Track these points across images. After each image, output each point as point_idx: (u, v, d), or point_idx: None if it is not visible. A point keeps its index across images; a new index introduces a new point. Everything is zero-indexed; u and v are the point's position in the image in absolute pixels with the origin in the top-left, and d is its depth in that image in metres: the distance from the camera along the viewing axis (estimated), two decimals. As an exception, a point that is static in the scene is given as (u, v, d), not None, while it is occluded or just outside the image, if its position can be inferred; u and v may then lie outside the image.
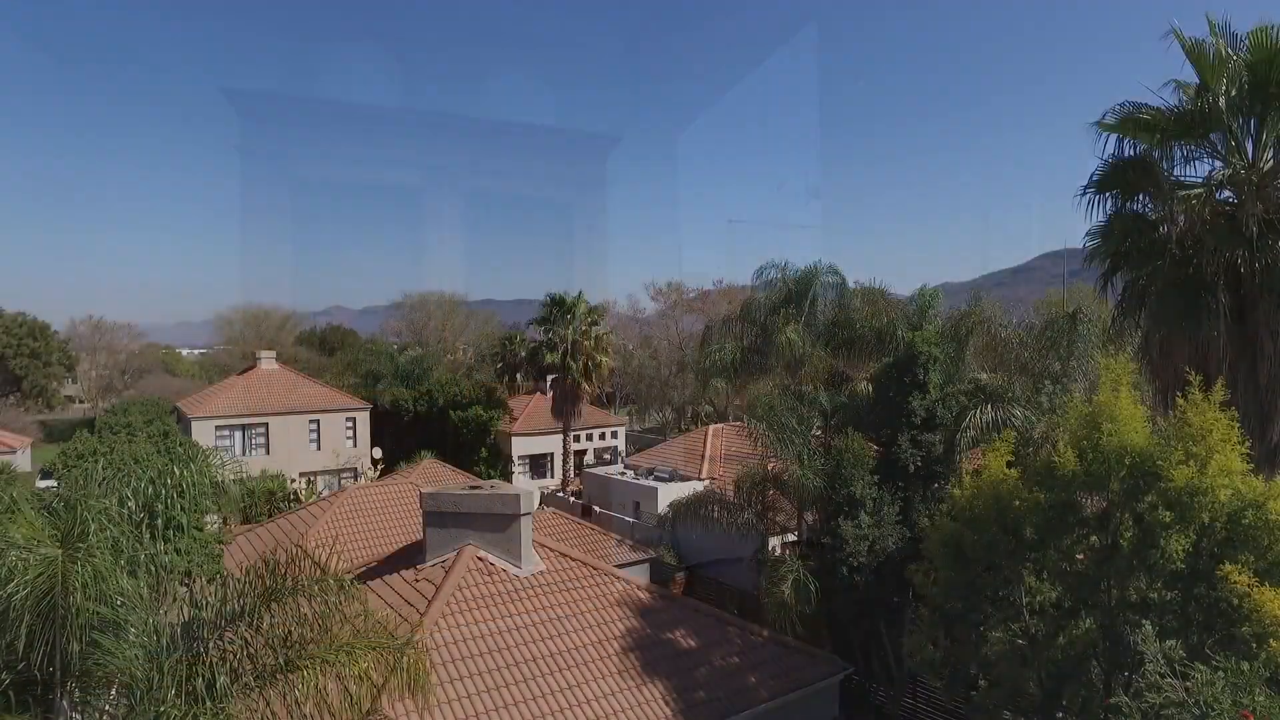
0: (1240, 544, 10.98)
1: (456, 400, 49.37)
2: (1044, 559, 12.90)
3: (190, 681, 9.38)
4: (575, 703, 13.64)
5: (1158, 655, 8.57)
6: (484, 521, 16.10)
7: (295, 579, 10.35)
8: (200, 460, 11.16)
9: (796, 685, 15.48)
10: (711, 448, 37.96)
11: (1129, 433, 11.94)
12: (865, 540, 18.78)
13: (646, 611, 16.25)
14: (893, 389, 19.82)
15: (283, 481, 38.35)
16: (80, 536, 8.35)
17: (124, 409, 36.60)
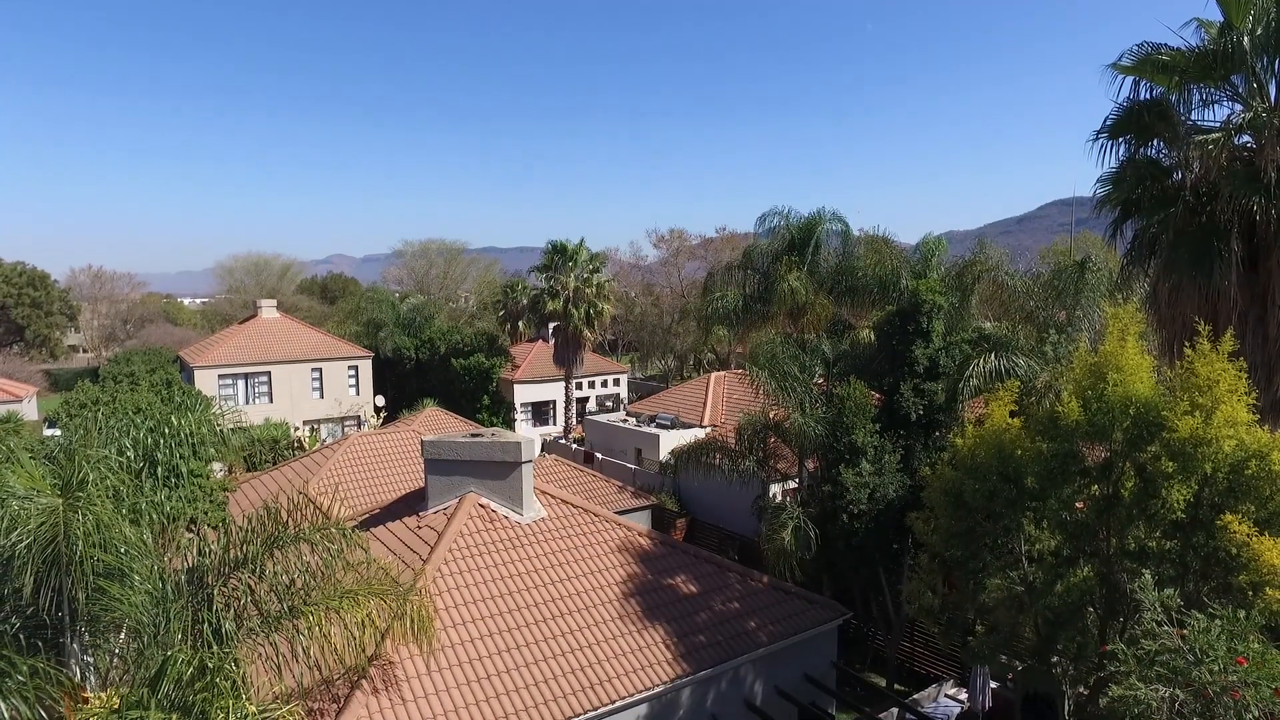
0: (1242, 494, 10.99)
1: (458, 348, 49.35)
2: (1044, 508, 12.94)
3: (197, 626, 9.53)
4: (576, 647, 13.84)
5: (1155, 603, 8.61)
6: (485, 469, 16.15)
7: (297, 527, 10.42)
8: (200, 409, 11.14)
9: (796, 630, 15.69)
10: (713, 395, 38.05)
11: (1134, 383, 11.85)
12: (866, 488, 18.87)
13: (647, 558, 16.41)
14: (895, 337, 19.70)
15: (286, 429, 38.57)
16: (80, 486, 8.35)
17: (127, 358, 36.66)
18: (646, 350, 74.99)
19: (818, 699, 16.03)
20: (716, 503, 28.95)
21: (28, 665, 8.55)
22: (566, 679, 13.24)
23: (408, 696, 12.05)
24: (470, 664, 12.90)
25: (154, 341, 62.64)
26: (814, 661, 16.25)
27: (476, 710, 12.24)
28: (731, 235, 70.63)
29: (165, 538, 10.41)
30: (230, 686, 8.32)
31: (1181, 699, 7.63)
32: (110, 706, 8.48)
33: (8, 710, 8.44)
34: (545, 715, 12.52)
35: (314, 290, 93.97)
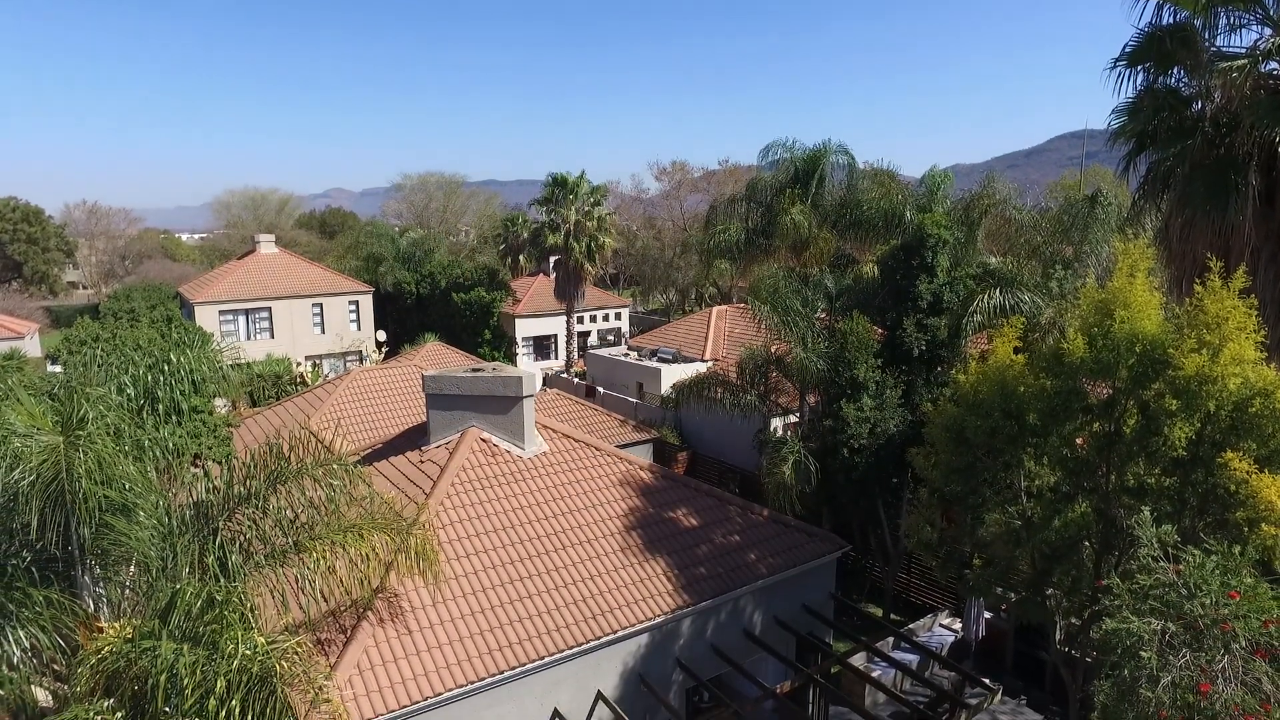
0: (1244, 432, 10.98)
1: (459, 282, 49.06)
2: (1045, 444, 12.97)
3: (203, 560, 9.67)
4: (578, 579, 14.08)
5: (1152, 539, 8.69)
6: (487, 404, 16.19)
7: (300, 462, 10.48)
8: (198, 345, 11.08)
9: (795, 562, 15.93)
10: (715, 329, 37.96)
11: (1141, 320, 11.73)
12: (867, 423, 18.94)
13: (648, 491, 16.56)
14: (899, 272, 19.50)
15: (288, 365, 38.62)
16: (80, 424, 8.36)
17: (126, 294, 36.46)
18: (648, 284, 74.61)
19: (815, 629, 16.39)
20: (718, 437, 29.16)
21: (42, 596, 8.72)
22: (569, 609, 13.51)
23: (414, 627, 12.32)
24: (474, 595, 13.15)
25: (153, 278, 62.27)
26: (812, 592, 16.56)
27: (481, 640, 12.52)
28: (735, 168, 69.50)
29: (169, 474, 10.49)
30: (239, 618, 8.48)
31: (1172, 631, 7.76)
32: (124, 636, 8.66)
33: (27, 638, 8.63)
34: (549, 645, 12.81)
35: (312, 225, 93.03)
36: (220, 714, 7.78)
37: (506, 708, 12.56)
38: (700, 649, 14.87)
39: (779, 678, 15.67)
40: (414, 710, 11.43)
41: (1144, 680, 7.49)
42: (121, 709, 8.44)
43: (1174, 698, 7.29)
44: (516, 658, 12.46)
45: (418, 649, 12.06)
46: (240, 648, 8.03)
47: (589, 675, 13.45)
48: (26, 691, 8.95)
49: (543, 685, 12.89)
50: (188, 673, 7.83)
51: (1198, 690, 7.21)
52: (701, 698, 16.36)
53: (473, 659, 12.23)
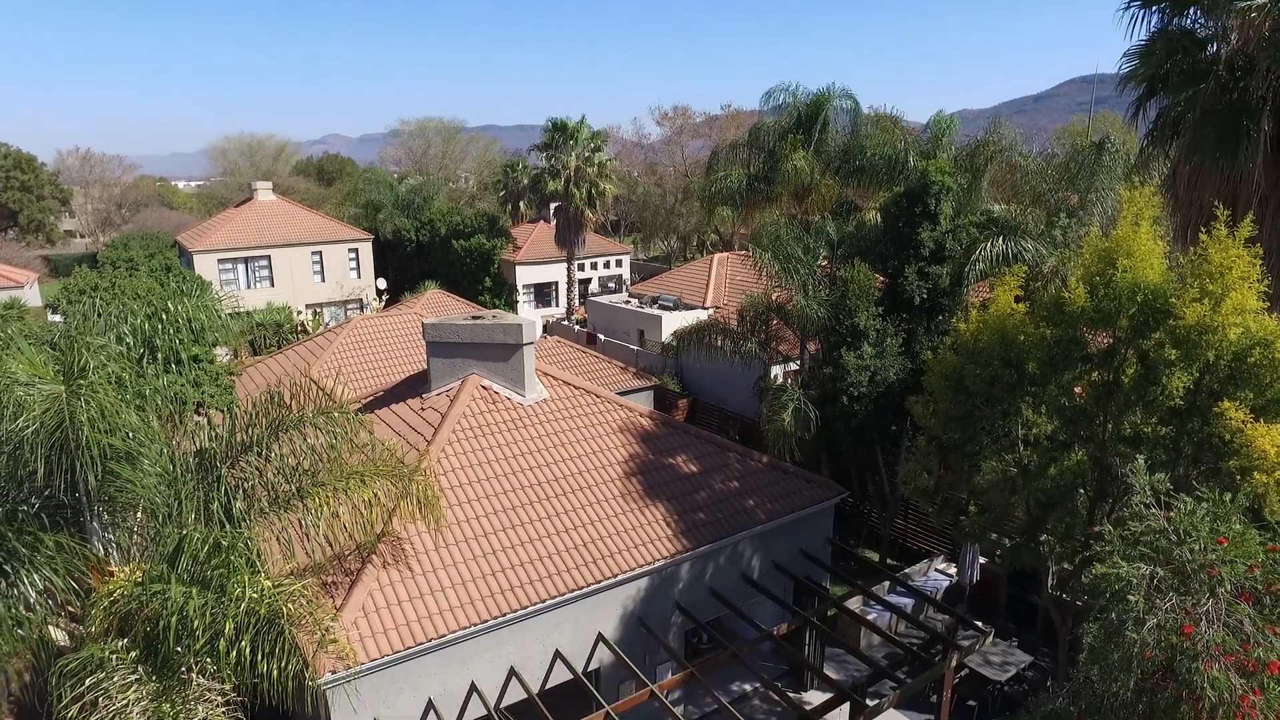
0: (1242, 381, 11.01)
1: (459, 229, 48.72)
2: (1043, 393, 13.02)
3: (209, 507, 9.82)
4: (579, 524, 14.30)
5: (1145, 486, 8.79)
6: (487, 351, 16.22)
7: (301, 411, 10.56)
8: (196, 294, 11.08)
9: (793, 508, 16.14)
10: (716, 277, 37.85)
11: (1144, 269, 11.67)
12: (866, 371, 19.00)
13: (648, 438, 16.70)
14: (902, 220, 19.34)
15: (289, 314, 38.62)
16: (81, 373, 8.41)
17: (124, 243, 36.31)
18: (649, 231, 74.06)
19: (813, 573, 16.69)
20: (718, 384, 29.30)
21: (53, 541, 8.88)
22: (570, 554, 13.74)
23: (417, 570, 12.56)
24: (476, 540, 13.37)
25: (150, 226, 61.89)
26: (810, 538, 16.81)
27: (484, 583, 12.77)
28: (737, 113, 68.38)
29: (172, 422, 10.58)
30: (245, 563, 8.66)
31: (1160, 576, 7.90)
32: (134, 580, 8.86)
33: (41, 581, 8.82)
34: (550, 588, 13.07)
35: (310, 172, 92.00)
36: (230, 654, 8.01)
37: (509, 649, 12.88)
38: (699, 592, 15.17)
39: (776, 620, 16.02)
40: (419, 651, 11.72)
41: (1130, 623, 7.65)
42: (135, 649, 8.68)
43: (1158, 639, 7.46)
44: (518, 600, 12.72)
45: (421, 592, 12.31)
46: (247, 591, 8.22)
47: (589, 618, 13.76)
48: (44, 631, 9.17)
49: (544, 627, 13.19)
50: (197, 615, 8.04)
51: (1181, 632, 7.37)
52: (700, 639, 16.76)
53: (475, 602, 12.49)
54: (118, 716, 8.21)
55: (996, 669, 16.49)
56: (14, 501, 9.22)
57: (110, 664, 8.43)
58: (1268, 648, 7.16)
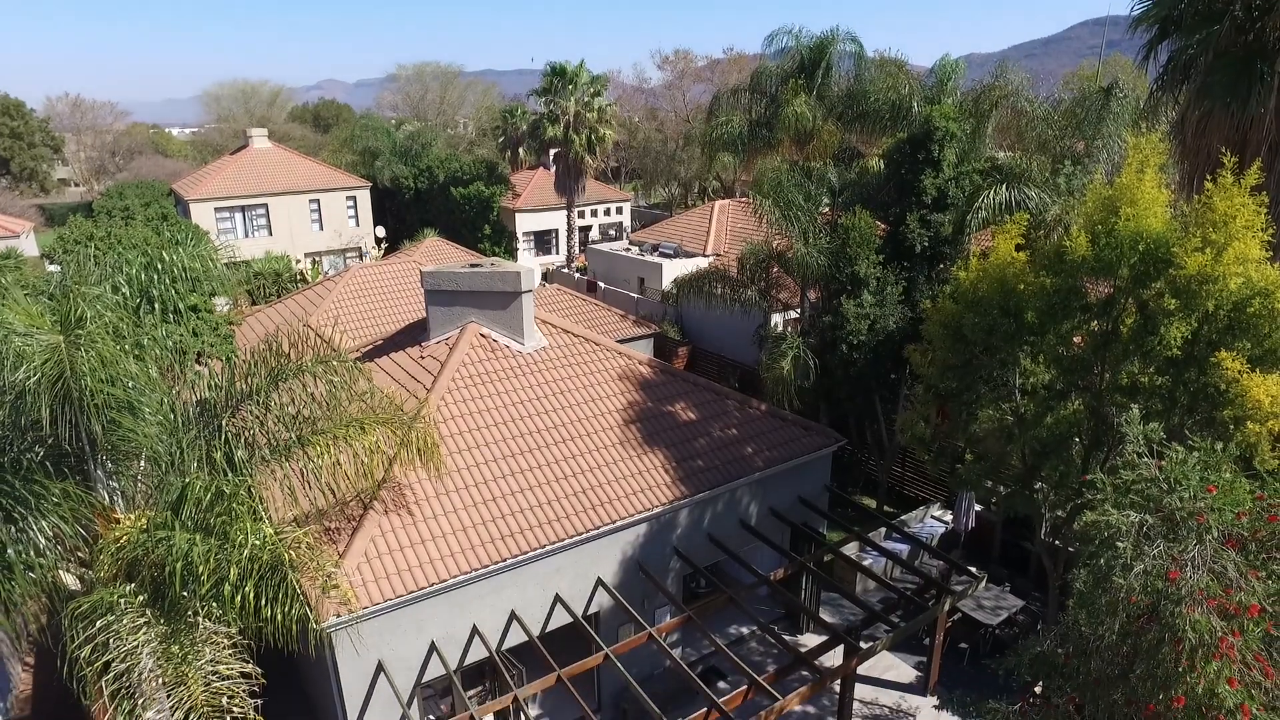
0: (1240, 331, 11.00)
1: (457, 176, 48.20)
2: (1042, 343, 13.02)
3: (211, 456, 9.93)
4: (578, 471, 14.45)
5: (1139, 436, 8.85)
6: (485, 299, 16.20)
7: (299, 360, 10.60)
8: (191, 243, 11.03)
9: (791, 455, 16.29)
10: (717, 224, 37.59)
11: (1147, 218, 11.56)
12: (866, 319, 18.98)
13: (648, 385, 16.78)
14: (905, 166, 19.10)
15: (288, 262, 38.45)
16: (79, 323, 8.42)
17: (119, 192, 35.92)
18: (650, 178, 73.23)
19: (810, 519, 16.92)
20: (719, 332, 29.33)
21: (59, 489, 9.00)
22: (569, 500, 13.93)
23: (418, 517, 12.75)
24: (476, 487, 13.53)
25: (145, 174, 61.17)
26: (808, 485, 17.00)
27: (484, 529, 12.97)
28: (740, 57, 67.05)
29: (172, 372, 10.63)
30: (247, 510, 8.79)
31: (1150, 523, 8.01)
32: (140, 527, 9.01)
33: (50, 528, 8.97)
34: (550, 534, 13.28)
35: (306, 118, 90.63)
36: (235, 599, 8.18)
37: (509, 593, 13.14)
38: (697, 538, 15.41)
39: (773, 566, 16.30)
40: (421, 595, 11.97)
41: (1118, 569, 7.79)
42: (143, 593, 8.88)
43: (1144, 584, 7.60)
44: (519, 546, 12.94)
45: (423, 538, 12.52)
46: (250, 538, 8.36)
47: (589, 563, 14.00)
48: (55, 576, 9.36)
49: (544, 572, 13.44)
50: (201, 561, 8.19)
51: (1167, 577, 7.50)
52: (698, 584, 17.08)
53: (476, 547, 12.70)
54: (128, 657, 8.44)
55: (988, 613, 16.83)
56: (19, 450, 9.32)
57: (119, 608, 8.63)
58: (1249, 592, 7.30)
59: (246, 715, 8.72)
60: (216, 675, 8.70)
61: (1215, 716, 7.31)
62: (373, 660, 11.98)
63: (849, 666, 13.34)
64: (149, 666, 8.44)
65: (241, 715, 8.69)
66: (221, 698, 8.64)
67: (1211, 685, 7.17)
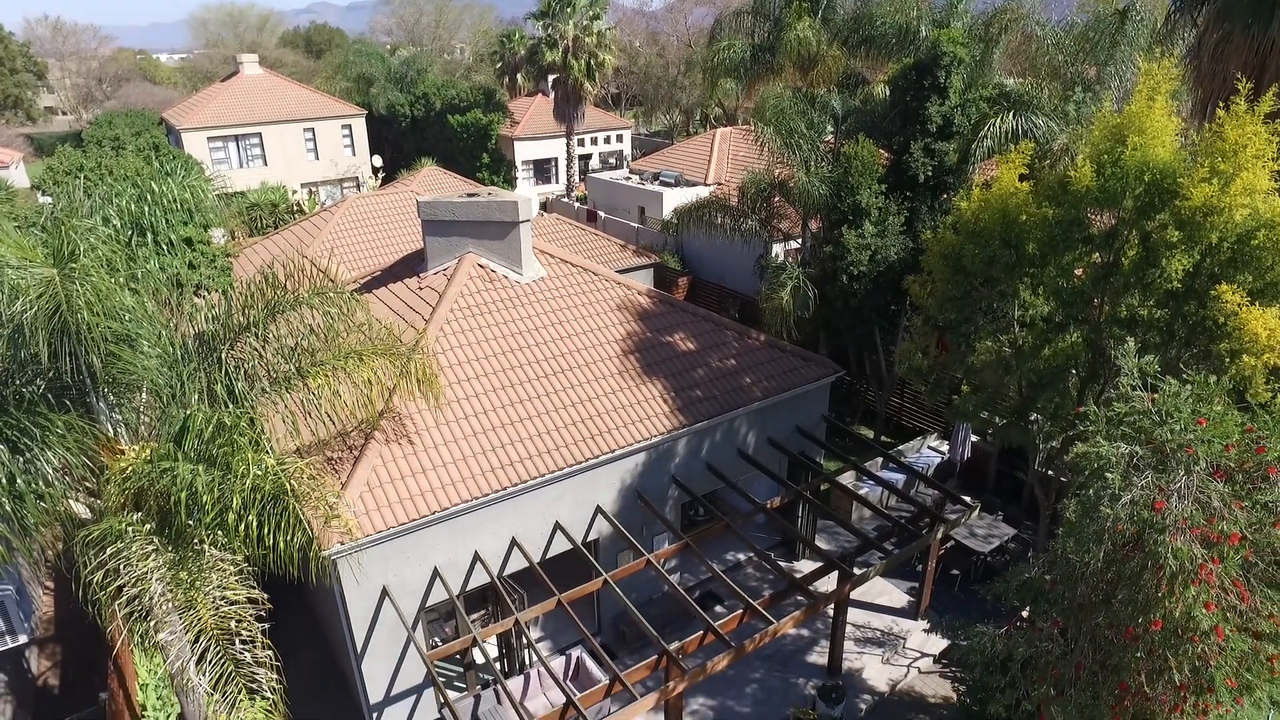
0: (1243, 264, 10.88)
1: (454, 104, 47.21)
2: (1042, 275, 12.93)
3: (211, 388, 9.99)
4: (577, 401, 14.56)
5: (1133, 369, 8.89)
6: (483, 229, 16.05)
7: (296, 292, 10.57)
8: (182, 174, 10.87)
9: (790, 386, 16.38)
10: (718, 152, 37.01)
11: (1154, 147, 11.31)
12: (867, 250, 18.83)
13: (647, 316, 16.77)
14: (910, 93, 18.65)
15: (284, 193, 37.96)
16: (72, 256, 8.37)
17: (109, 121, 35.21)
18: (651, 104, 71.70)
19: (807, 449, 17.13)
20: (719, 262, 29.16)
21: (62, 421, 9.09)
22: (568, 430, 14.08)
23: (419, 447, 12.91)
24: (476, 417, 13.67)
25: (133, 102, 59.83)
26: (806, 415, 17.15)
27: (484, 459, 13.15)
28: (744, -26, 64.72)
29: (170, 305, 10.62)
30: (249, 441, 8.89)
31: (1140, 455, 8.12)
32: (144, 459, 9.14)
33: (57, 459, 9.10)
34: (549, 463, 13.46)
35: (297, 43, 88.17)
36: (239, 528, 8.35)
37: (510, 521, 13.41)
38: (695, 467, 15.63)
39: (770, 494, 16.59)
40: (423, 523, 12.21)
41: (1106, 499, 7.93)
42: (150, 522, 9.06)
43: (1131, 514, 7.75)
44: (518, 475, 13.13)
45: (424, 467, 12.71)
46: (251, 468, 8.48)
47: (588, 491, 14.24)
48: (65, 505, 9.54)
49: (544, 501, 13.69)
50: (205, 491, 8.33)
51: (1153, 507, 7.64)
52: (696, 512, 17.41)
53: (476, 476, 12.90)
54: (139, 582, 8.67)
55: (981, 541, 17.18)
56: (20, 383, 9.38)
57: (128, 535, 8.82)
58: (1231, 521, 7.45)
59: (254, 638, 9.00)
60: (224, 600, 8.94)
61: (1190, 638, 7.54)
62: (377, 586, 12.31)
63: (842, 592, 13.69)
64: (159, 591, 8.67)
65: (250, 638, 8.97)
66: (230, 621, 8.91)
67: (1189, 609, 7.38)
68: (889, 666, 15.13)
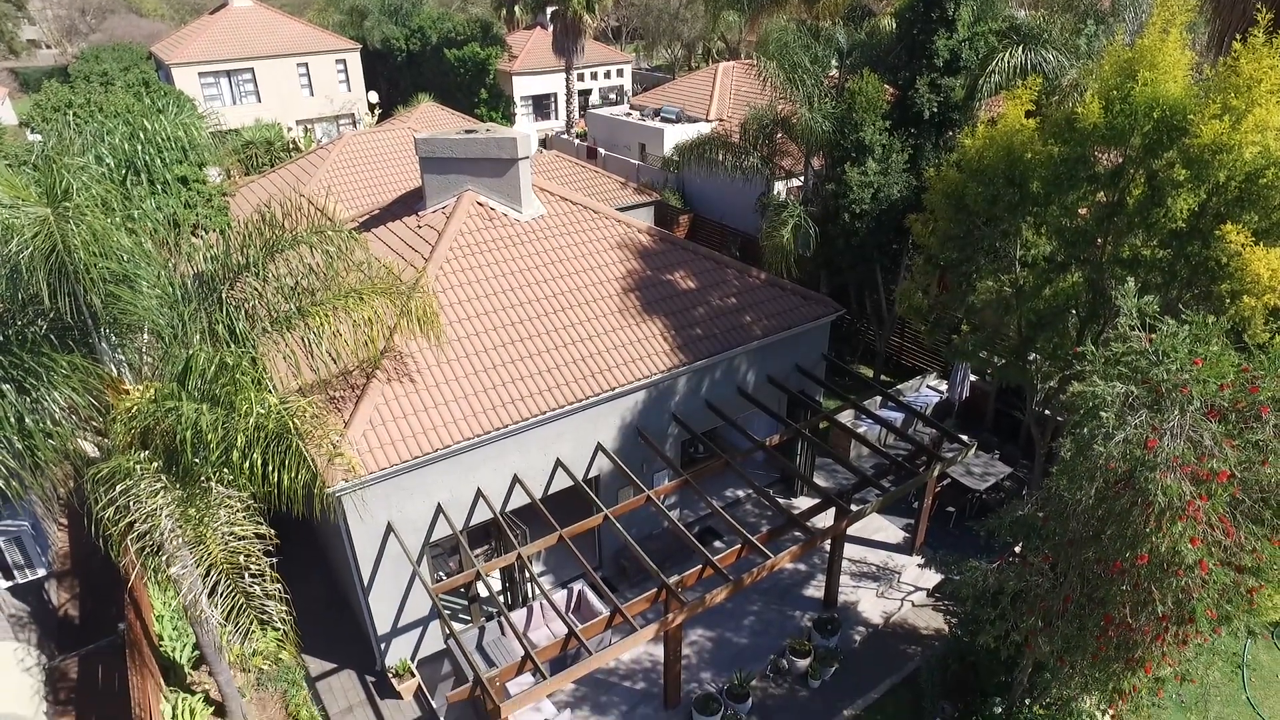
0: (1249, 203, 10.76)
1: (451, 38, 46.07)
2: (1045, 214, 12.80)
3: (212, 328, 10.04)
4: (577, 339, 14.60)
5: (1132, 309, 8.88)
6: (481, 166, 15.85)
7: (294, 231, 10.52)
8: (173, 111, 10.70)
9: (790, 325, 16.39)
10: (721, 88, 36.21)
11: (1165, 82, 11.07)
12: (870, 188, 18.62)
13: (647, 254, 16.68)
14: (917, 26, 18.19)
15: (279, 130, 37.33)
16: (65, 195, 8.30)
17: (96, 55, 34.36)
18: (652, 38, 69.89)
19: (807, 388, 17.23)
20: (721, 200, 28.87)
21: (66, 361, 9.17)
22: (569, 368, 14.16)
23: (420, 385, 13.01)
24: (476, 355, 13.73)
25: (120, 35, 58.22)
26: (806, 353, 17.20)
27: (485, 397, 13.26)
28: (750, -102, 62.35)
29: (168, 245, 10.58)
30: (251, 381, 8.97)
31: (1135, 394, 8.18)
32: (148, 398, 9.24)
33: (63, 398, 9.20)
34: (550, 401, 13.58)
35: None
36: (244, 465, 8.49)
37: (512, 458, 13.59)
38: (695, 405, 15.76)
39: (769, 432, 16.74)
40: (425, 461, 12.39)
41: (1100, 438, 8.02)
42: (157, 460, 9.21)
43: (1124, 453, 7.85)
44: (520, 412, 13.26)
45: (425, 405, 12.82)
46: (254, 407, 8.58)
47: (589, 429, 14.40)
48: (75, 444, 9.69)
49: (545, 438, 13.85)
50: (210, 429, 8.45)
51: (1146, 446, 7.74)
52: (696, 449, 17.62)
53: (478, 414, 13.03)
54: (149, 518, 8.86)
55: (977, 479, 17.42)
56: (22, 324, 9.42)
57: (136, 473, 8.98)
58: (1222, 459, 7.54)
59: (263, 572, 9.24)
60: (233, 536, 9.15)
61: (1175, 571, 7.73)
62: (382, 522, 12.56)
63: (839, 527, 13.95)
64: (169, 527, 8.87)
65: (259, 572, 9.21)
66: (239, 556, 9.13)
67: (1175, 544, 7.54)
68: (883, 600, 15.51)
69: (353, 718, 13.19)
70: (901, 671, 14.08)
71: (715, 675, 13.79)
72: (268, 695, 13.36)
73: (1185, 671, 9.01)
